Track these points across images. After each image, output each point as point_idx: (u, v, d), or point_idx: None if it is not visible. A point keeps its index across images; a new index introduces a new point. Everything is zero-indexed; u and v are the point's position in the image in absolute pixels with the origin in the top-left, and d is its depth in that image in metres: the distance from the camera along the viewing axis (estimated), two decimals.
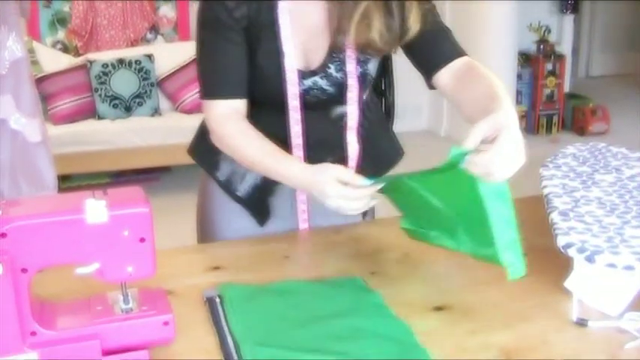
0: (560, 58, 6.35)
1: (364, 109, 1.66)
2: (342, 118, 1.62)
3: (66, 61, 5.14)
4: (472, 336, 1.25)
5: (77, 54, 5.32)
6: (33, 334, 1.12)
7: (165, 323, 1.19)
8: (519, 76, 6.19)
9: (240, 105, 1.56)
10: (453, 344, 1.22)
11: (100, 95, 4.96)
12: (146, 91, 5.05)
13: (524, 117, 6.36)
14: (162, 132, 4.73)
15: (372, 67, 1.62)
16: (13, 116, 2.80)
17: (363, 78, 1.59)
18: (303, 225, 1.65)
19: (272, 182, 1.58)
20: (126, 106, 5.00)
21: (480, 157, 1.28)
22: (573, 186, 1.60)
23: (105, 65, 4.99)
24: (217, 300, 1.37)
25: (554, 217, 1.44)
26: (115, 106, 4.98)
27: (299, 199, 1.64)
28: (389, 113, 5.22)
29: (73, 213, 1.09)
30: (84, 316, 1.18)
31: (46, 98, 4.78)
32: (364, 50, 1.55)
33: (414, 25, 1.51)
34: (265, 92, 1.57)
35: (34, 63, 4.81)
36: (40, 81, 4.73)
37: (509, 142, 1.30)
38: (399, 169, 1.77)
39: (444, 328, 1.28)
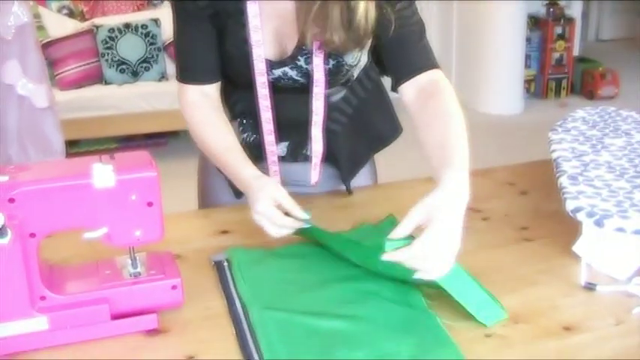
0: (569, 21, 6.29)
1: (355, 87, 1.64)
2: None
3: (72, 26, 5.11)
4: None
5: (83, 19, 5.29)
6: (42, 298, 1.13)
7: (174, 287, 1.19)
8: (528, 40, 6.13)
9: (210, 90, 1.55)
10: (461, 308, 1.22)
11: (107, 60, 4.94)
12: (153, 56, 5.02)
13: (532, 81, 6.32)
14: (169, 96, 4.71)
15: (353, 57, 1.54)
16: (20, 82, 2.80)
17: (336, 70, 1.53)
18: None
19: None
20: (133, 71, 4.98)
21: (403, 251, 1.19)
22: (582, 150, 1.59)
23: (111, 30, 4.97)
24: (225, 264, 1.37)
25: (563, 181, 1.44)
26: (121, 71, 4.96)
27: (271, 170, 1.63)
28: None
29: (81, 178, 1.09)
30: (92, 280, 1.19)
31: (52, 64, 4.77)
32: (325, 48, 1.48)
33: (366, 26, 1.41)
34: (237, 76, 1.56)
35: (40, 28, 4.79)
36: (46, 46, 4.72)
37: (436, 236, 1.18)
38: (398, 145, 1.76)
39: None
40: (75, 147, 4.74)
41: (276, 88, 1.53)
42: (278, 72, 1.51)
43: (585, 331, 1.16)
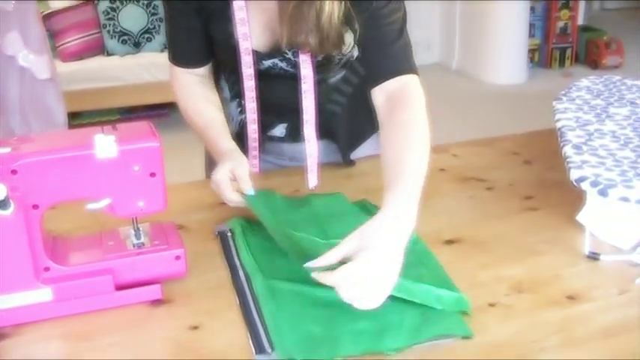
0: None
1: (355, 66, 1.57)
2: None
3: None
4: (484, 270, 1.25)
5: None
6: (46, 269, 1.13)
7: (177, 258, 1.19)
8: (532, 9, 6.08)
9: (200, 71, 1.57)
10: (464, 278, 1.22)
11: (109, 31, 4.92)
12: (155, 27, 4.99)
13: (536, 50, 6.28)
14: None
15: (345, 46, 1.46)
16: (21, 53, 2.79)
17: (326, 62, 1.49)
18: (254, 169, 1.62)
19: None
20: (135, 42, 4.96)
21: (326, 275, 1.10)
22: (587, 119, 1.59)
23: (112, 1, 4.93)
24: (229, 234, 1.37)
25: (568, 150, 1.43)
26: (123, 42, 4.93)
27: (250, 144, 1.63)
28: None
29: (83, 148, 1.09)
30: (96, 251, 1.19)
31: (53, 35, 4.75)
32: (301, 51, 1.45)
33: (329, 27, 1.36)
34: (229, 63, 1.56)
35: None
36: (47, 17, 4.69)
37: (364, 264, 1.08)
38: None
39: (456, 262, 1.28)
40: (77, 119, 4.73)
41: (270, 75, 1.52)
42: (268, 62, 1.50)
43: (589, 301, 1.16)
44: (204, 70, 1.58)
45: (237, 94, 1.60)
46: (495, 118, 4.83)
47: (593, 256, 1.28)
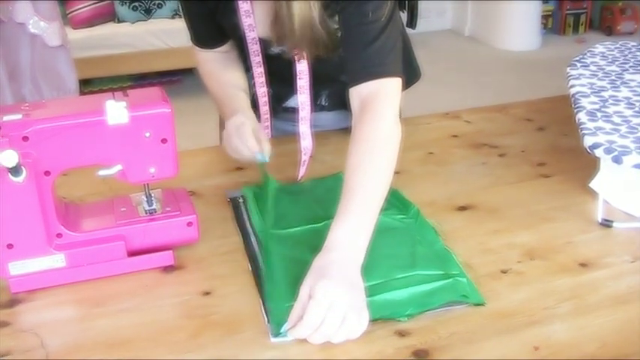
0: None
1: None
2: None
3: None
4: (496, 236, 1.25)
5: None
6: (59, 236, 1.13)
7: (189, 224, 1.19)
8: None
9: (222, 49, 1.59)
10: (477, 244, 1.22)
11: None
12: None
13: (549, 16, 6.22)
14: (182, 33, 4.61)
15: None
16: (32, 20, 2.78)
17: (326, 57, 1.44)
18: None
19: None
20: (145, 9, 4.93)
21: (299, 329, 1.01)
22: (601, 85, 1.57)
23: None
24: (240, 200, 1.37)
25: (582, 117, 1.42)
26: (134, 9, 4.91)
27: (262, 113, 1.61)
28: (412, 14, 5.13)
29: (94, 115, 1.09)
30: (108, 217, 1.19)
31: (64, 2, 4.73)
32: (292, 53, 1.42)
33: (291, 26, 1.30)
34: (238, 45, 1.57)
35: None
36: None
37: (320, 302, 1.00)
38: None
39: (468, 228, 1.28)
40: (88, 86, 4.73)
41: (282, 57, 1.51)
42: (277, 50, 1.49)
43: (601, 268, 1.16)
44: (224, 48, 1.59)
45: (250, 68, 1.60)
46: (508, 85, 4.79)
47: (606, 224, 1.28)
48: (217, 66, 1.59)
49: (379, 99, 1.26)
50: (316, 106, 1.62)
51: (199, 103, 1.55)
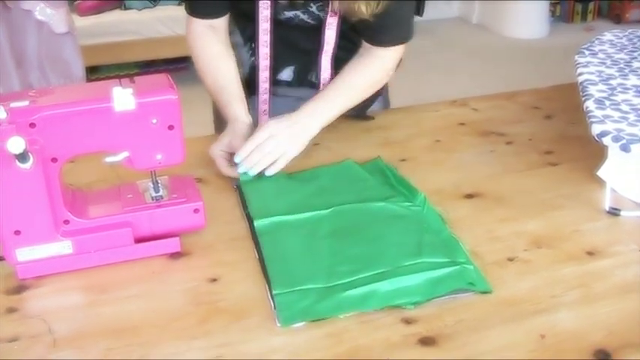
0: None
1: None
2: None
3: None
4: (503, 224, 1.25)
5: None
6: (66, 222, 1.13)
7: (196, 210, 1.19)
8: None
9: (218, 23, 1.56)
10: (484, 231, 1.22)
11: None
12: None
13: (558, 4, 6.18)
14: None
15: None
16: (38, 6, 2.77)
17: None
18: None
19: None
20: None
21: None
22: (610, 73, 1.56)
23: None
24: (235, 187, 1.38)
25: (589, 105, 1.41)
26: None
27: (261, 104, 1.64)
28: (420, 2, 5.10)
29: (101, 101, 1.08)
30: (115, 204, 1.19)
31: None
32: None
33: None
34: (240, 6, 1.56)
35: None
36: None
37: (256, 135, 1.37)
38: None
39: (475, 216, 1.28)
40: (95, 73, 4.73)
41: (286, 24, 1.53)
42: (290, 14, 1.50)
43: (608, 256, 1.16)
44: (222, 22, 1.56)
45: (250, 38, 1.60)
46: (516, 73, 4.77)
47: (614, 212, 1.27)
48: (212, 48, 1.55)
49: (387, 55, 1.55)
50: (281, 82, 1.64)
51: (206, 90, 1.55)
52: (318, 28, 1.53)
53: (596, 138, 1.31)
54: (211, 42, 1.55)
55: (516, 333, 0.98)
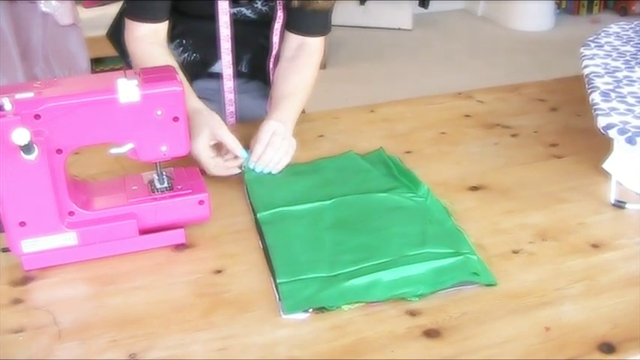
0: None
1: None
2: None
3: None
4: (508, 216, 1.25)
5: None
6: (71, 214, 1.13)
7: (201, 202, 1.19)
8: None
9: (159, 27, 1.53)
10: (489, 224, 1.22)
11: None
12: None
13: None
14: None
15: None
16: None
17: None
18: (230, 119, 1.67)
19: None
20: None
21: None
22: (616, 66, 1.56)
23: None
24: (240, 170, 1.38)
25: (595, 97, 1.41)
26: None
27: (227, 100, 1.65)
28: None
29: (106, 93, 1.08)
30: (120, 196, 1.19)
31: None
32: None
33: None
34: (190, 8, 1.56)
35: None
36: None
37: (276, 139, 1.40)
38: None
39: (480, 208, 1.27)
40: (100, 65, 4.72)
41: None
42: (233, 10, 1.53)
43: (613, 249, 1.16)
44: (163, 27, 1.53)
45: (181, 33, 1.61)
46: (521, 65, 4.76)
47: (619, 205, 1.27)
48: (155, 50, 1.51)
49: (318, 48, 1.61)
50: (237, 72, 1.65)
51: None
52: (258, 23, 1.57)
53: (602, 130, 1.31)
54: (153, 44, 1.51)
55: (521, 325, 0.98)
